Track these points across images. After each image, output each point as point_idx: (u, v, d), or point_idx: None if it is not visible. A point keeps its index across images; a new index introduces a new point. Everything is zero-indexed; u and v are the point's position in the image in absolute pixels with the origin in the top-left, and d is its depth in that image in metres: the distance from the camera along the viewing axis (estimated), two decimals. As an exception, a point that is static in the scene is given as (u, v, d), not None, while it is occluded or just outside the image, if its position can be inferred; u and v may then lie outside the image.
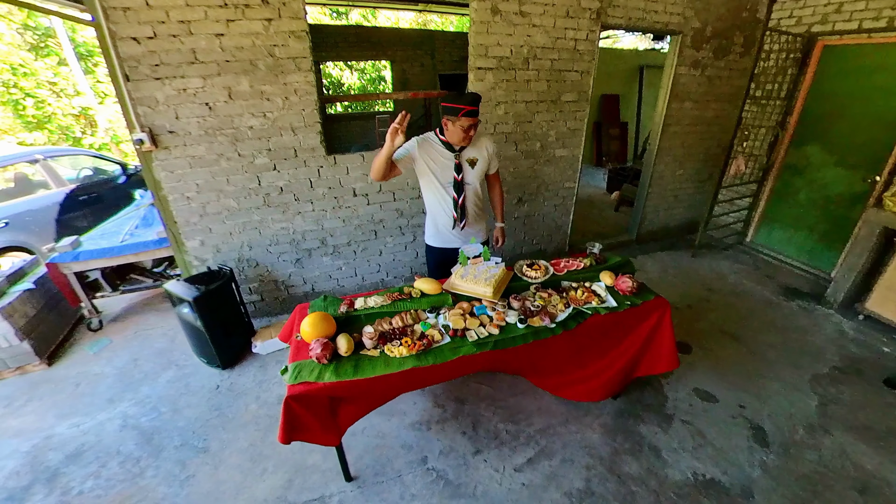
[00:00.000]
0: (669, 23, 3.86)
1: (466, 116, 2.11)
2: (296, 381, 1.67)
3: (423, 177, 2.39)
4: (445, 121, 2.18)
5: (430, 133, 2.35)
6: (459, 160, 2.32)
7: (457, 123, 2.14)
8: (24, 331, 3.02)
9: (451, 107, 2.11)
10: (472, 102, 2.10)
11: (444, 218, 2.48)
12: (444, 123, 2.20)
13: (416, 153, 2.27)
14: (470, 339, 1.89)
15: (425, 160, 2.29)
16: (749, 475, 2.21)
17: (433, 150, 2.30)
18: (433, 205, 2.48)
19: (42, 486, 2.21)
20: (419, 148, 2.28)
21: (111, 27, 2.50)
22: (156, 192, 2.94)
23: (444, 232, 2.53)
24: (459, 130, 2.15)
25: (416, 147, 2.27)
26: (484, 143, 2.43)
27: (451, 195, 2.38)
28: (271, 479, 2.19)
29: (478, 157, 2.39)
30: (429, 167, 2.31)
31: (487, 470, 2.22)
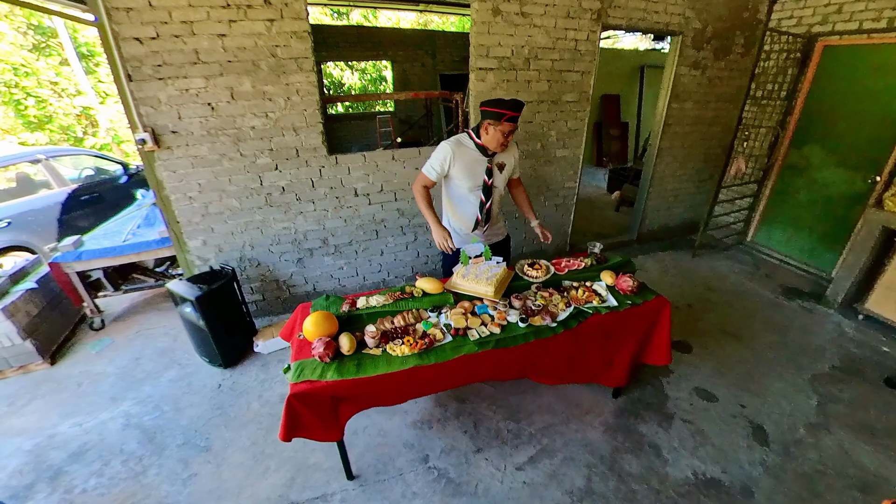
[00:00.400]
0: (670, 23, 3.86)
1: (509, 122, 2.12)
2: (298, 380, 1.68)
3: (453, 181, 2.38)
4: (486, 125, 2.18)
5: (464, 135, 2.35)
6: (492, 164, 2.34)
7: (498, 128, 2.15)
8: (27, 330, 3.03)
9: (494, 111, 2.12)
10: (515, 108, 2.11)
11: (464, 220, 2.50)
12: (485, 128, 2.19)
13: (452, 160, 2.27)
14: (471, 338, 1.90)
15: (459, 165, 2.30)
16: (749, 474, 2.21)
17: (467, 153, 2.30)
18: (455, 206, 2.50)
19: (45, 485, 2.22)
20: (455, 153, 2.27)
21: (114, 27, 2.50)
22: (158, 191, 2.95)
23: (461, 233, 2.55)
24: (500, 135, 2.17)
25: (452, 154, 2.27)
26: (513, 149, 2.47)
27: (478, 198, 2.40)
28: (273, 477, 2.20)
29: (506, 161, 2.42)
30: (460, 171, 2.31)
31: (489, 468, 2.23)
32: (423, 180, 2.37)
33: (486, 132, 2.20)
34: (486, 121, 2.17)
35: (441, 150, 2.29)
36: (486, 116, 2.17)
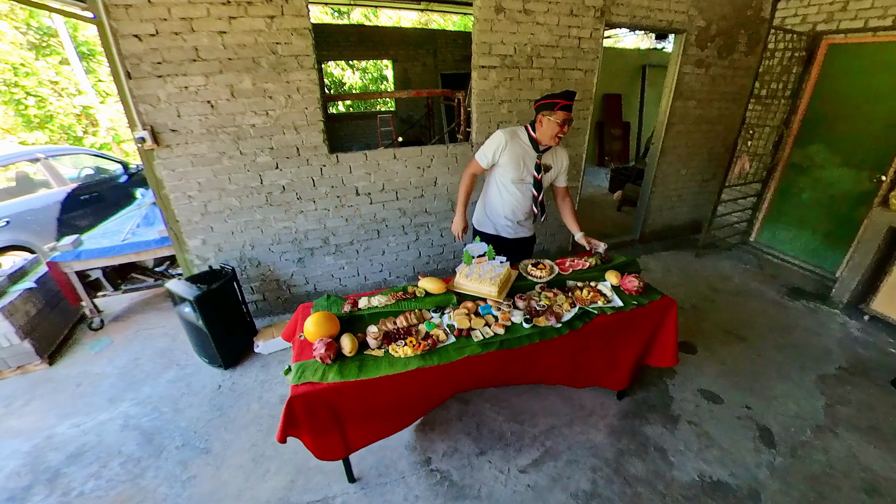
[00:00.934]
0: (674, 21, 3.83)
1: (563, 110, 2.19)
2: (299, 382, 1.65)
3: (499, 169, 2.45)
4: (541, 117, 2.26)
5: (520, 127, 2.42)
6: (540, 160, 2.41)
7: (552, 118, 2.21)
8: (25, 330, 3.00)
9: (548, 102, 2.22)
10: (567, 97, 2.20)
11: (506, 211, 2.56)
12: (539, 120, 2.27)
13: (504, 148, 2.35)
14: (475, 339, 1.87)
15: (509, 154, 2.36)
16: (756, 476, 2.18)
17: (519, 145, 2.38)
18: (496, 196, 2.55)
19: (43, 487, 2.19)
20: (508, 142, 2.35)
21: (113, 24, 2.48)
22: (157, 190, 2.93)
23: (500, 224, 2.63)
24: (555, 125, 2.22)
25: (505, 143, 2.34)
26: (561, 156, 2.53)
27: (524, 192, 2.48)
28: (274, 479, 2.17)
29: (552, 165, 2.48)
30: (509, 160, 2.37)
31: (492, 471, 2.20)
32: (474, 167, 2.49)
33: (540, 125, 2.28)
34: (541, 113, 2.25)
35: (495, 138, 2.37)
36: (540, 109, 2.26)
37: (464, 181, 2.50)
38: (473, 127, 3.51)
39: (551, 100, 2.20)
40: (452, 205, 3.73)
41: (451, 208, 3.74)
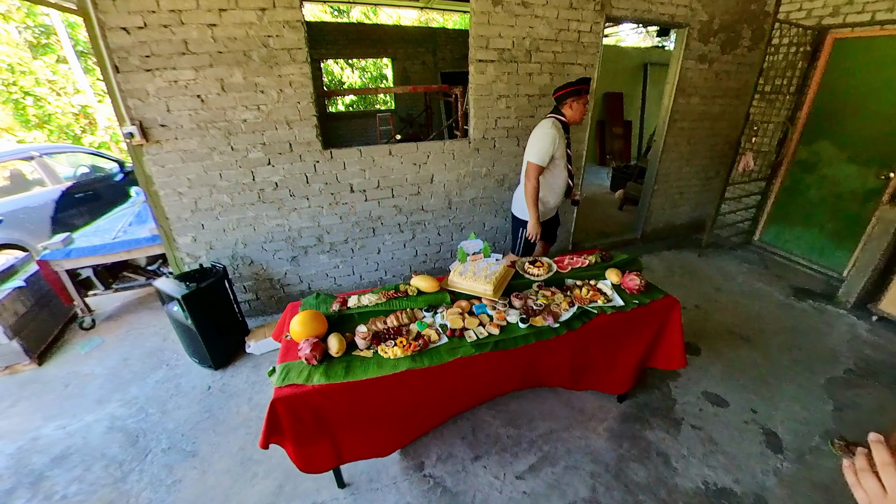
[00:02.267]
0: (676, 15, 3.75)
1: (587, 94, 2.67)
2: (283, 384, 1.58)
3: (553, 163, 2.72)
4: (570, 102, 2.65)
5: (552, 119, 2.70)
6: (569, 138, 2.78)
7: (580, 101, 2.65)
8: (14, 329, 2.94)
9: (576, 89, 2.63)
10: (587, 82, 2.66)
11: (555, 192, 2.87)
12: (569, 104, 2.66)
13: (559, 141, 2.63)
14: (468, 340, 1.79)
15: (560, 143, 2.66)
16: (763, 483, 2.10)
17: (560, 132, 2.66)
18: (550, 182, 2.81)
19: (25, 490, 2.13)
20: (559, 134, 2.63)
21: (100, 17, 2.42)
22: (147, 187, 2.86)
23: (552, 204, 2.94)
24: (582, 107, 2.67)
25: (558, 135, 2.63)
26: None
27: (565, 168, 2.79)
28: (262, 484, 2.10)
29: None
30: (561, 148, 2.68)
31: (487, 477, 2.12)
32: (538, 170, 2.66)
33: (570, 108, 2.67)
34: (570, 98, 2.64)
35: (549, 136, 2.60)
36: (568, 96, 2.64)
37: (535, 188, 2.69)
38: (471, 122, 3.43)
39: (578, 86, 2.62)
40: (450, 202, 3.66)
41: (447, 206, 3.66)
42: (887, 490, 0.55)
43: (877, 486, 0.56)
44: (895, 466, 0.55)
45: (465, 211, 3.76)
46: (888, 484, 0.55)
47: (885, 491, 0.55)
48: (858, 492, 0.58)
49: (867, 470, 0.58)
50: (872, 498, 0.57)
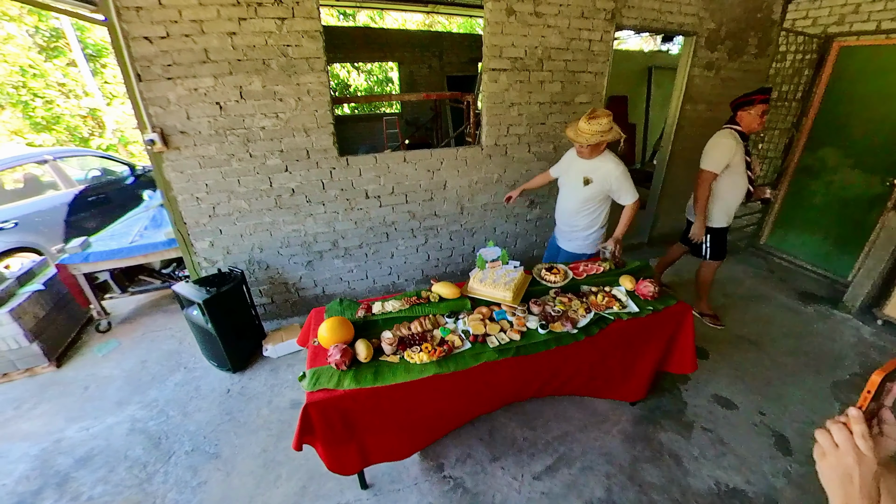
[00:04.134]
0: (684, 24, 3.81)
1: (762, 103, 2.73)
2: (315, 388, 1.63)
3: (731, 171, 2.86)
4: (745, 111, 2.78)
5: (729, 129, 2.85)
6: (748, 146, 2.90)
7: (753, 110, 2.75)
8: (34, 332, 3.00)
9: (748, 99, 2.76)
10: (766, 91, 2.74)
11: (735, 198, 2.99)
12: (744, 113, 2.79)
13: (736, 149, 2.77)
14: (491, 346, 1.84)
15: (739, 152, 2.79)
16: (773, 484, 2.15)
17: (739, 144, 2.79)
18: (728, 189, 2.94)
19: (52, 491, 2.18)
20: (737, 144, 2.77)
21: (124, 27, 2.47)
22: (166, 192, 2.91)
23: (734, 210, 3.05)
24: (757, 116, 2.75)
25: (736, 144, 2.77)
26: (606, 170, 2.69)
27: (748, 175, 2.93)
28: (285, 486, 2.15)
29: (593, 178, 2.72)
30: (739, 156, 2.80)
31: (505, 477, 2.17)
32: (711, 177, 2.85)
33: (744, 117, 2.80)
34: (742, 108, 2.78)
35: (723, 144, 2.77)
36: (741, 106, 2.79)
37: (706, 194, 2.89)
38: (483, 130, 3.49)
39: (749, 97, 2.75)
40: (462, 208, 3.71)
41: (459, 211, 3.71)
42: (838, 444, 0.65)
43: (829, 441, 0.66)
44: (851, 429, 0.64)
45: (476, 216, 3.81)
46: (838, 439, 0.65)
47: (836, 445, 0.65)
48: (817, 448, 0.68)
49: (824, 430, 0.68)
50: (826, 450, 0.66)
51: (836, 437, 0.65)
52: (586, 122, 2.33)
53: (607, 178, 2.52)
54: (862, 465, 0.62)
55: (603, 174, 2.52)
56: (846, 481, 0.63)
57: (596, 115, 2.34)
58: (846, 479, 0.63)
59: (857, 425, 0.64)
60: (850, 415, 0.65)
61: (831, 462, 0.65)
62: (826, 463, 0.66)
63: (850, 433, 0.64)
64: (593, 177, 2.54)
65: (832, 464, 0.65)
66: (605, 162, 2.53)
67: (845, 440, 0.64)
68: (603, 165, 2.52)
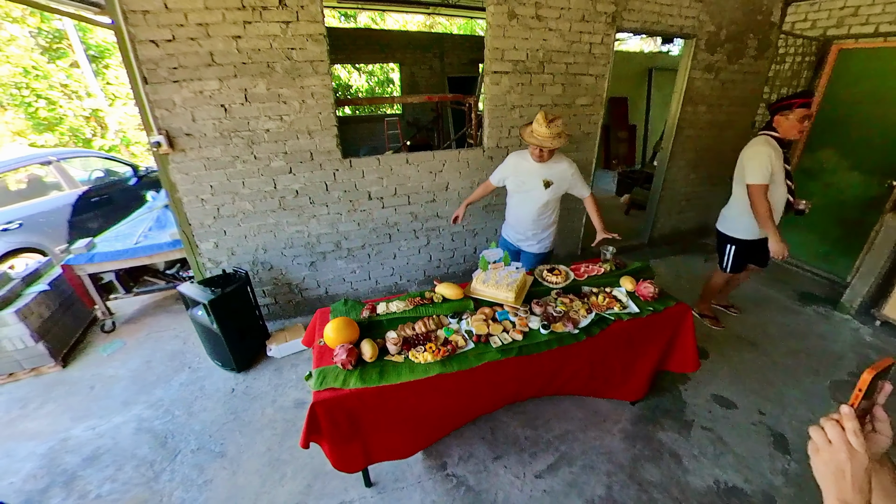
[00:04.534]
0: (684, 26, 3.84)
1: (801, 108, 2.55)
2: (321, 388, 1.66)
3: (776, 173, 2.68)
4: (783, 115, 2.61)
5: (765, 136, 2.71)
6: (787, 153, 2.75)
7: (790, 115, 2.58)
8: (40, 332, 3.03)
9: (786, 103, 2.58)
10: (806, 95, 2.56)
11: (778, 209, 2.82)
12: (781, 118, 2.62)
13: (774, 159, 2.61)
14: (494, 345, 1.87)
15: (777, 161, 2.63)
16: (771, 483, 2.18)
17: (776, 150, 2.64)
18: (772, 199, 2.74)
19: (60, 490, 2.20)
20: (774, 153, 2.62)
21: (130, 30, 2.50)
22: (171, 194, 2.94)
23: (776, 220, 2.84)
24: (795, 121, 2.58)
25: (773, 153, 2.61)
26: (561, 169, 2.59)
27: (787, 183, 2.78)
28: (291, 484, 2.18)
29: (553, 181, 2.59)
30: (778, 165, 2.64)
31: (508, 476, 2.20)
32: (763, 189, 2.67)
33: (782, 122, 2.63)
34: (779, 112, 2.62)
35: (762, 153, 2.62)
36: (778, 110, 2.64)
37: (767, 207, 2.68)
38: (485, 132, 3.52)
39: (787, 101, 2.58)
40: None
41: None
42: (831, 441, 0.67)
43: (822, 437, 0.68)
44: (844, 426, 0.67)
45: (478, 217, 3.84)
46: (831, 435, 0.67)
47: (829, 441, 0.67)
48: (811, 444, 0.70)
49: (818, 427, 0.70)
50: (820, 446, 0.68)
51: (829, 433, 0.67)
52: (546, 126, 2.29)
53: (564, 176, 2.54)
54: (854, 461, 0.64)
55: (559, 174, 2.52)
56: (839, 476, 0.65)
57: (553, 117, 2.31)
58: (839, 474, 0.65)
59: (848, 422, 0.66)
60: (842, 412, 0.68)
61: (824, 458, 0.67)
62: (819, 458, 0.68)
63: (843, 430, 0.66)
64: (552, 178, 2.51)
65: (825, 459, 0.67)
66: (559, 161, 2.54)
67: (838, 437, 0.66)
68: (557, 165, 2.52)
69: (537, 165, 2.51)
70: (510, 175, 2.65)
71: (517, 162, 2.61)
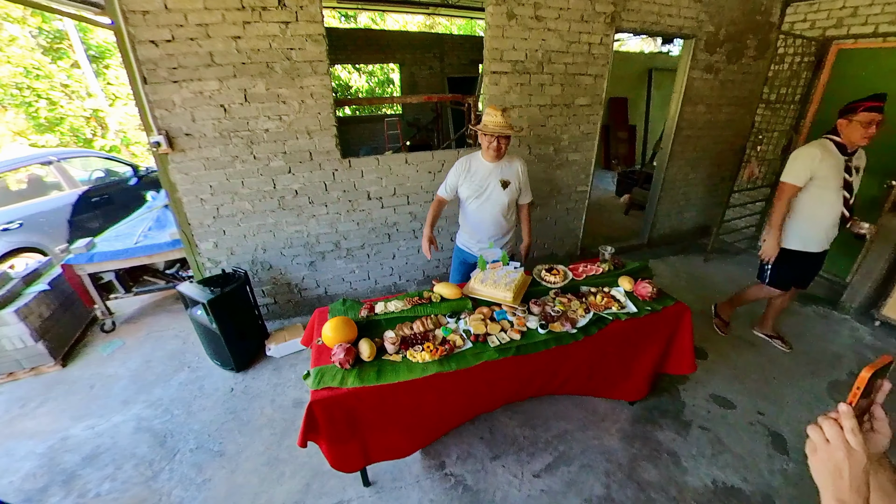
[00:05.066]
0: (683, 27, 3.84)
1: (867, 112, 2.32)
2: (319, 387, 1.66)
3: (816, 181, 2.50)
4: (846, 119, 2.41)
5: (825, 139, 2.51)
6: (850, 163, 2.49)
7: (853, 120, 2.36)
8: (40, 332, 3.03)
9: (851, 106, 2.39)
10: (878, 99, 2.32)
11: (823, 223, 2.62)
12: (844, 123, 2.42)
13: (819, 162, 2.44)
14: (492, 345, 1.88)
15: (826, 166, 2.44)
16: (769, 483, 2.18)
17: (832, 156, 2.45)
18: (816, 210, 2.58)
19: (59, 489, 2.21)
20: (822, 156, 2.44)
21: (130, 30, 2.51)
22: (171, 194, 2.95)
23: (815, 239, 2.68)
24: (859, 126, 2.35)
25: (819, 157, 2.44)
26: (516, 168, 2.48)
27: (840, 197, 2.50)
28: (289, 483, 2.18)
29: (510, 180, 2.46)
30: (830, 171, 2.45)
31: (506, 475, 2.21)
32: (790, 190, 2.55)
33: (844, 127, 2.43)
34: (843, 116, 2.43)
35: (805, 154, 2.47)
36: (842, 114, 2.44)
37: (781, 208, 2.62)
38: (484, 132, 3.53)
39: (852, 104, 2.38)
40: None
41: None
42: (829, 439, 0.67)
43: (820, 436, 0.68)
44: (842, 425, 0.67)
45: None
46: (829, 434, 0.67)
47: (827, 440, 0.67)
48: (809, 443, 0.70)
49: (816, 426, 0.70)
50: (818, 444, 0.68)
51: (826, 432, 0.67)
52: (500, 116, 2.21)
53: (518, 174, 2.46)
54: (851, 460, 0.64)
55: (515, 172, 2.44)
56: (836, 475, 0.65)
57: (504, 108, 2.24)
58: (836, 473, 0.65)
59: (846, 420, 0.66)
60: (840, 410, 0.67)
61: (822, 457, 0.67)
62: (817, 458, 0.68)
63: (841, 428, 0.66)
64: (509, 178, 2.41)
65: (823, 458, 0.67)
66: (513, 160, 2.46)
67: (836, 435, 0.66)
68: (512, 165, 2.44)
69: (492, 165, 2.39)
70: (464, 181, 2.45)
71: (469, 165, 2.45)
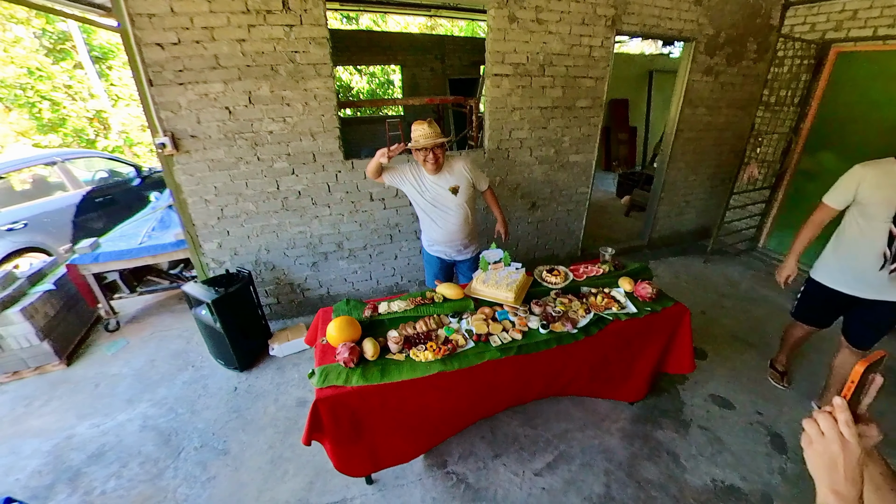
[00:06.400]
0: (683, 30, 3.87)
1: None
2: (324, 385, 1.69)
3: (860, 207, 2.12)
4: None
5: (891, 160, 2.08)
6: None
7: None
8: (45, 331, 3.06)
9: None
10: None
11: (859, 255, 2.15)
12: None
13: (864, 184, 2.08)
14: (493, 344, 1.90)
15: (874, 196, 2.04)
16: (768, 482, 2.20)
17: (888, 180, 2.04)
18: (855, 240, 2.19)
19: (65, 486, 2.23)
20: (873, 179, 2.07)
21: (137, 33, 2.54)
22: (176, 195, 2.98)
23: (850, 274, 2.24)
24: None
25: (869, 178, 2.07)
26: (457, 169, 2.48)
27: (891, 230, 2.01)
28: (293, 481, 2.21)
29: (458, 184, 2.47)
30: (878, 201, 2.03)
31: (507, 474, 2.23)
32: (824, 213, 2.23)
33: None
34: None
35: (856, 173, 2.08)
36: None
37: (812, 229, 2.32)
38: (486, 133, 3.56)
39: None
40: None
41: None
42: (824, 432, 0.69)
43: (815, 429, 0.70)
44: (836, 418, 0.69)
45: (479, 219, 3.87)
46: (824, 426, 0.69)
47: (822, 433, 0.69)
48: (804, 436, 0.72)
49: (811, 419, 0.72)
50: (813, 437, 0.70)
51: (822, 425, 0.69)
52: (427, 127, 2.25)
53: (463, 173, 2.45)
54: (846, 452, 0.66)
55: (459, 173, 2.45)
56: (831, 467, 0.67)
57: (429, 119, 2.29)
58: (832, 465, 0.67)
59: (841, 413, 0.68)
60: (835, 403, 0.69)
61: (818, 449, 0.69)
62: (813, 450, 0.70)
63: (836, 421, 0.68)
64: (457, 182, 2.44)
65: (818, 451, 0.69)
66: (453, 164, 2.46)
67: (830, 428, 0.68)
68: (453, 168, 2.45)
69: (436, 177, 2.42)
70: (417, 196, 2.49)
71: (419, 174, 2.46)
